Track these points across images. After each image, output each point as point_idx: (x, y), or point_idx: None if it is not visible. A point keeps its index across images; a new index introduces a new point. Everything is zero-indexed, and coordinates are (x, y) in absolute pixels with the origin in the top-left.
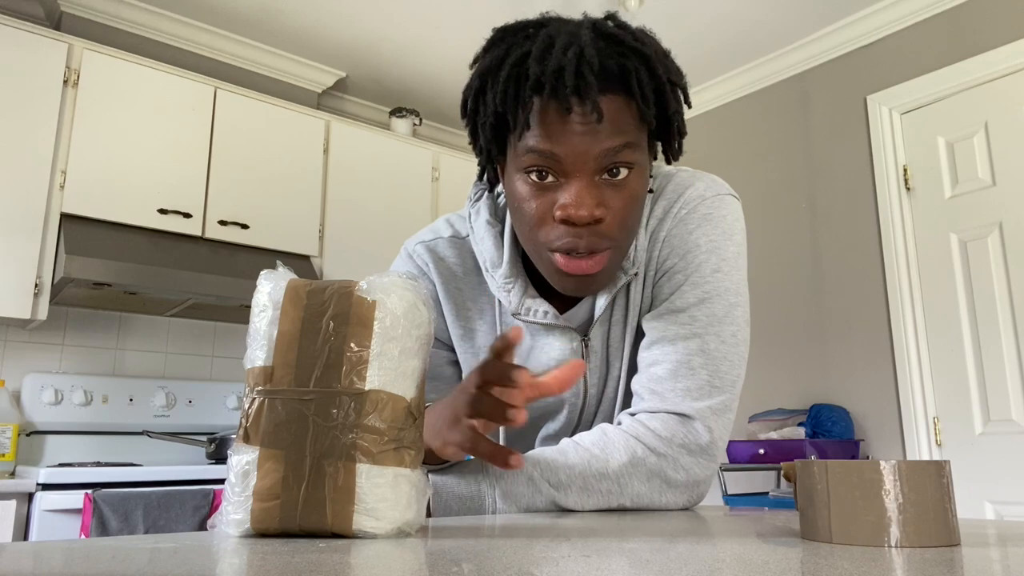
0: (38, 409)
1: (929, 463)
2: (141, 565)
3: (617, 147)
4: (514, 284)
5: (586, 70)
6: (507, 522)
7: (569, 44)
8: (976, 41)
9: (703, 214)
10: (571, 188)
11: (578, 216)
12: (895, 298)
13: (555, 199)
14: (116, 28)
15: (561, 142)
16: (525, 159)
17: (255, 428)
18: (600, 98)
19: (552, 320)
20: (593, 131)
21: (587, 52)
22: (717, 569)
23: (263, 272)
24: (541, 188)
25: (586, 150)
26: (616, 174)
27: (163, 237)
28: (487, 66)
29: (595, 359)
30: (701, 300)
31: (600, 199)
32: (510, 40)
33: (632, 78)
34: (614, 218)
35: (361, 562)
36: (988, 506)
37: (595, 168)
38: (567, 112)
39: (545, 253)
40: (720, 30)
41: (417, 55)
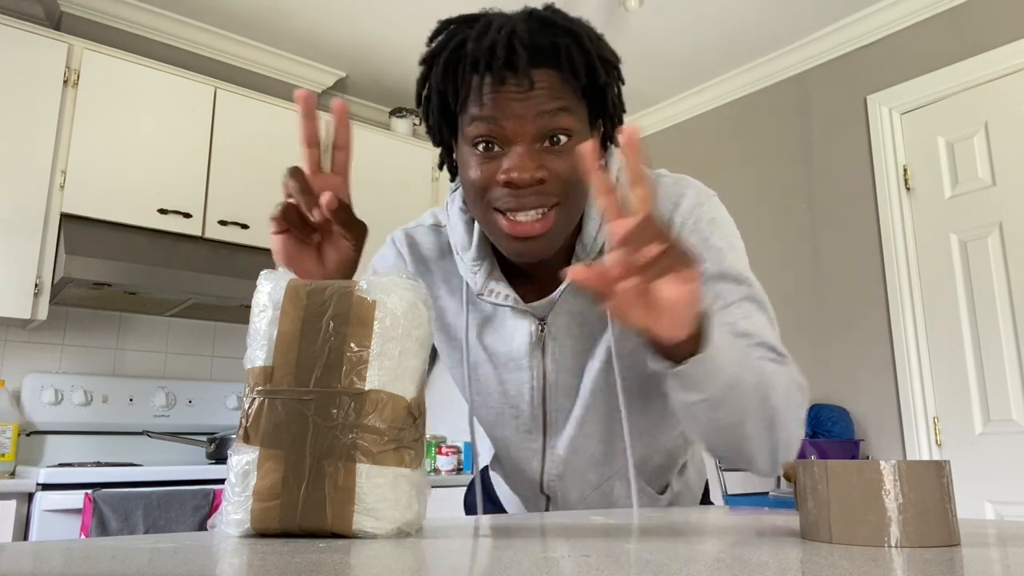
0: (38, 409)
1: (929, 463)
2: (141, 565)
3: (553, 110)
4: (480, 266)
5: (517, 44)
6: (507, 522)
7: (502, 26)
8: (976, 41)
9: (709, 219)
10: (513, 153)
11: (520, 179)
12: (895, 298)
13: (500, 165)
14: (116, 28)
15: (500, 109)
16: (470, 130)
17: (255, 428)
18: (533, 71)
19: (511, 303)
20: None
21: (518, 29)
22: (717, 569)
23: (263, 272)
24: (487, 157)
25: (524, 114)
26: (557, 141)
27: (163, 237)
28: (430, 53)
29: (557, 348)
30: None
31: (541, 162)
32: (453, 29)
33: (561, 52)
34: (557, 178)
35: (361, 562)
36: (988, 506)
37: (535, 134)
38: (501, 84)
39: (491, 215)
40: (720, 30)
41: (417, 55)
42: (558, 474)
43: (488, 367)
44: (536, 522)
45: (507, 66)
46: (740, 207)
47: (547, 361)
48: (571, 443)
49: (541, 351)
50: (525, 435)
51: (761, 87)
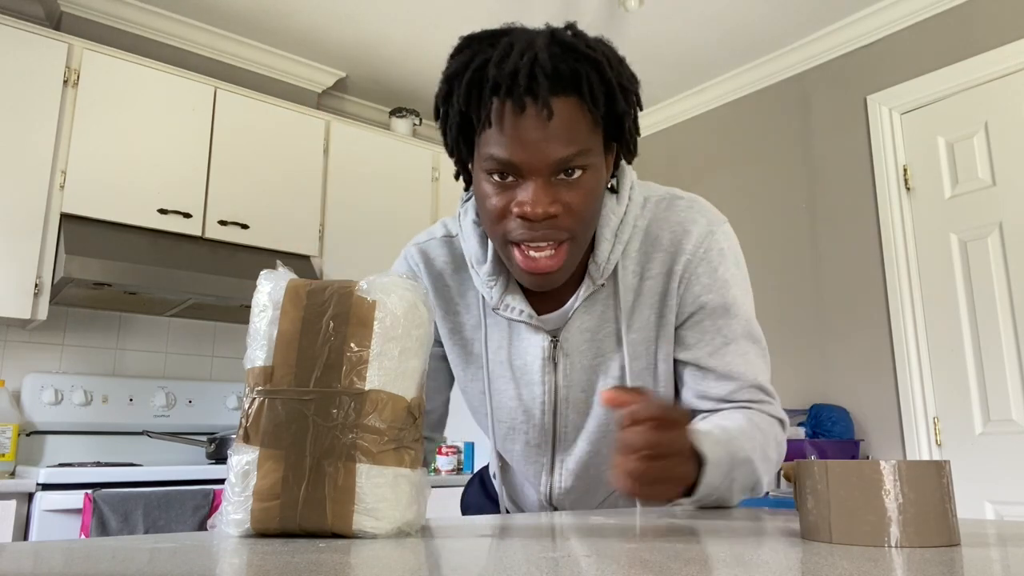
0: (38, 409)
1: (929, 463)
2: (141, 565)
3: (570, 156)
4: (496, 281)
5: (538, 72)
6: (507, 522)
7: (525, 50)
8: (976, 41)
9: (719, 250)
10: (528, 187)
11: (533, 213)
12: (895, 298)
13: (514, 196)
14: (116, 28)
15: (518, 149)
16: (487, 164)
17: (255, 428)
18: (552, 99)
19: (526, 319)
20: (547, 136)
21: (540, 56)
22: (717, 569)
23: (263, 272)
24: (502, 187)
25: (541, 157)
26: (571, 174)
27: (163, 237)
28: (453, 71)
29: (568, 363)
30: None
31: (555, 197)
32: (475, 47)
33: (583, 80)
34: (570, 212)
35: (361, 562)
36: (988, 506)
37: (550, 171)
38: (521, 110)
39: (507, 248)
40: (720, 30)
41: (417, 55)
42: (566, 488)
43: (502, 381)
44: (536, 522)
45: (528, 92)
46: (740, 207)
47: (559, 376)
48: (581, 459)
49: (553, 366)
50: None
51: (761, 87)
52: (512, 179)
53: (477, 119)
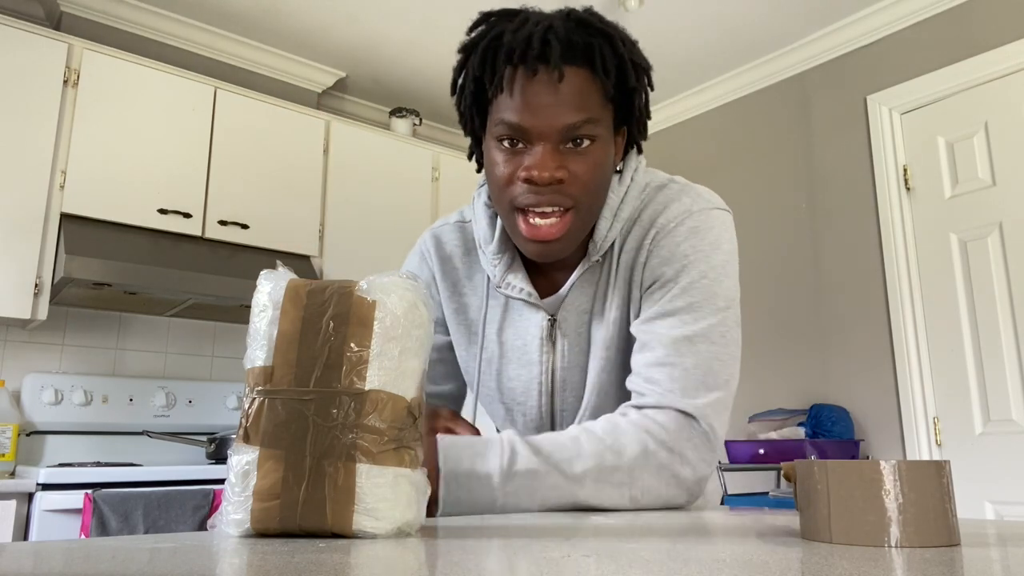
0: (38, 409)
1: (929, 463)
2: (141, 565)
3: (578, 123)
4: (500, 259)
5: (552, 38)
6: (507, 522)
7: (540, 21)
8: (976, 41)
9: (690, 227)
10: (536, 152)
11: (540, 177)
12: (895, 298)
13: (522, 162)
14: (116, 28)
15: (529, 114)
16: (498, 128)
17: (255, 428)
18: (564, 68)
19: (525, 297)
20: (557, 102)
21: (555, 25)
22: (717, 569)
23: (263, 272)
24: (511, 153)
25: (550, 123)
26: (579, 143)
27: (163, 237)
28: (469, 42)
29: (567, 344)
30: (690, 305)
31: (562, 163)
32: (492, 21)
33: (595, 52)
34: (576, 180)
35: (361, 562)
36: (988, 506)
37: (559, 138)
38: (533, 75)
39: (512, 216)
40: (720, 30)
41: (417, 55)
42: None
43: (502, 361)
44: (536, 522)
45: (540, 58)
46: (740, 207)
47: (556, 357)
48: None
49: (551, 346)
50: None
51: (761, 87)
52: (521, 145)
53: (489, 85)
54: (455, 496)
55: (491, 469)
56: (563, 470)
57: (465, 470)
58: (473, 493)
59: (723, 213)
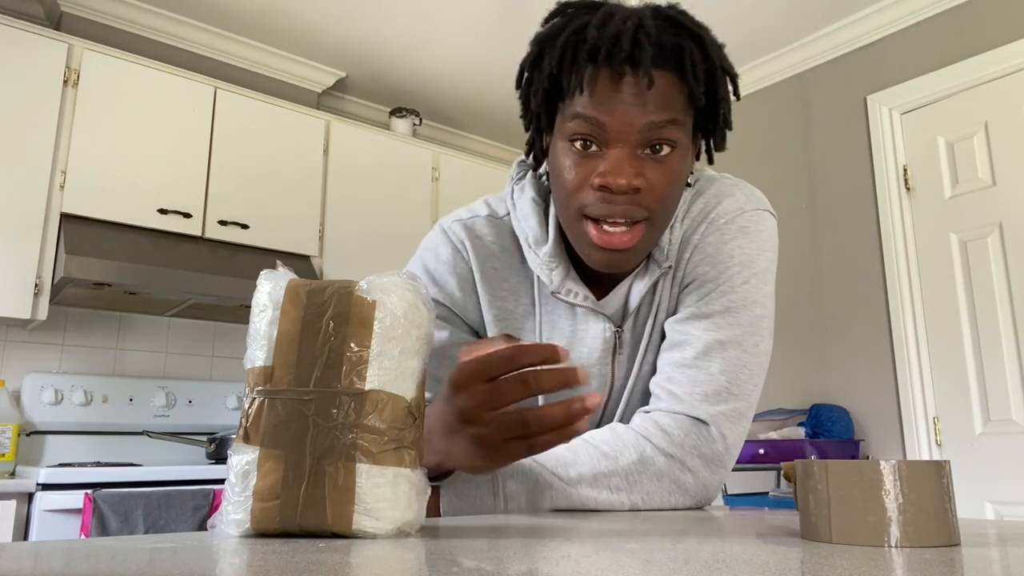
0: (38, 409)
1: (929, 463)
2: (141, 565)
3: (662, 122)
4: (558, 264)
5: (643, 38)
6: (507, 522)
7: (628, 17)
8: (976, 41)
9: (740, 227)
10: (612, 157)
11: (616, 184)
12: (895, 298)
13: (596, 167)
14: (116, 28)
15: (608, 110)
16: (571, 125)
17: (255, 428)
18: (652, 71)
19: (591, 305)
20: (641, 103)
21: (646, 23)
22: (717, 569)
23: (263, 272)
24: (584, 156)
25: (631, 120)
26: (659, 150)
27: (163, 237)
28: (546, 34)
29: (626, 351)
30: (727, 308)
31: (640, 170)
32: (571, 13)
33: (686, 56)
34: (652, 191)
35: (361, 562)
36: (988, 506)
37: (638, 141)
38: (619, 78)
39: (580, 224)
40: (720, 30)
41: (417, 55)
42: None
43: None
44: (536, 522)
45: (629, 60)
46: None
47: (615, 368)
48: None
49: (612, 358)
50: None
51: (761, 87)
52: (595, 148)
53: (568, 84)
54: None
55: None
56: (559, 474)
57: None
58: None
59: (772, 217)
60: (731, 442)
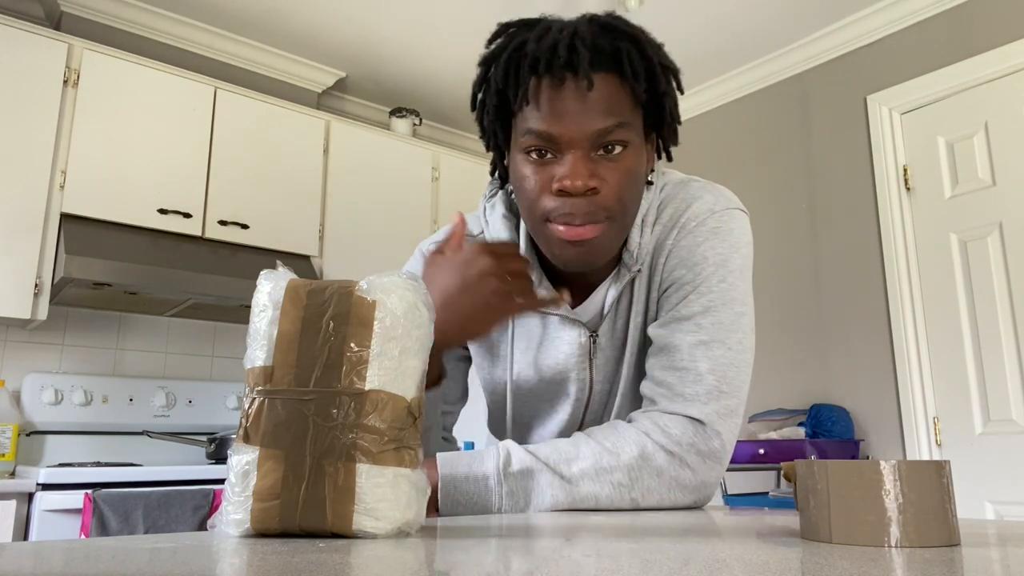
0: (38, 409)
1: (929, 463)
2: (141, 565)
3: (609, 127)
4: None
5: (579, 44)
6: (507, 522)
7: (564, 28)
8: (976, 41)
9: (711, 227)
10: (567, 161)
11: (573, 187)
12: (895, 298)
13: (553, 173)
14: (116, 28)
15: (556, 119)
16: (525, 138)
17: (255, 428)
18: (593, 75)
19: (564, 312)
20: (585, 108)
21: (580, 31)
22: (717, 569)
23: (263, 272)
24: (541, 164)
25: (579, 129)
26: (611, 150)
27: (163, 237)
28: (490, 54)
29: (603, 356)
30: (707, 309)
31: (594, 171)
32: (512, 31)
33: (624, 57)
34: (610, 190)
35: (361, 562)
36: (988, 506)
37: (589, 143)
38: (561, 84)
39: (545, 227)
40: (720, 30)
41: (417, 55)
42: None
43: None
44: (536, 522)
45: (567, 66)
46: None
47: (593, 372)
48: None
49: (589, 363)
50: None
51: (761, 87)
52: (550, 156)
53: (514, 98)
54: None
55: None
56: (559, 471)
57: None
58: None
59: (743, 214)
60: (726, 439)
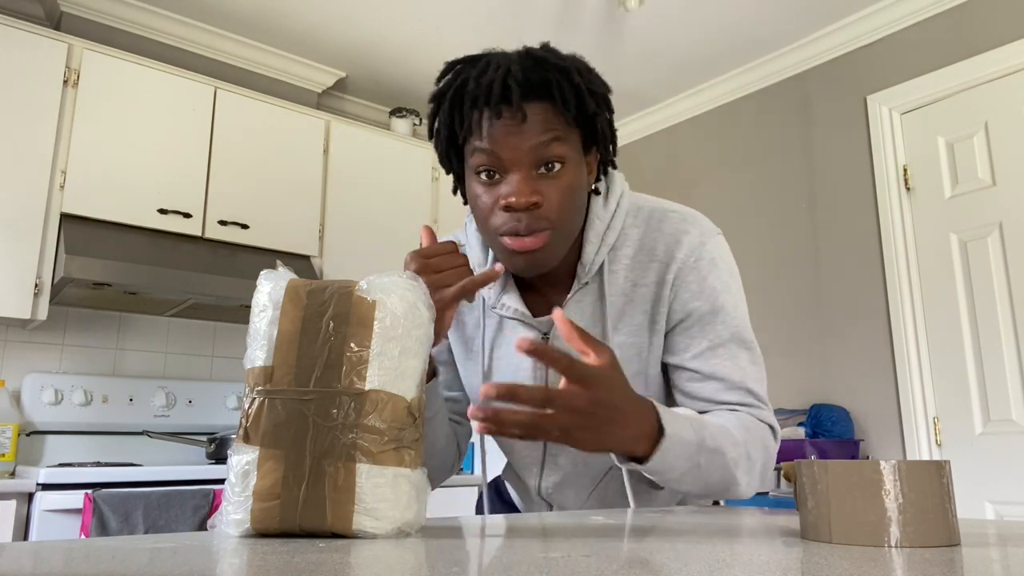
0: (38, 409)
1: (929, 463)
2: (141, 565)
3: (546, 141)
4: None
5: (511, 82)
6: (507, 522)
7: (499, 65)
8: (976, 41)
9: (709, 259)
10: (512, 180)
11: (517, 203)
12: (895, 298)
13: (500, 191)
14: (116, 28)
15: (498, 144)
16: (473, 160)
17: (255, 428)
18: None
19: (520, 316)
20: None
21: (513, 68)
22: (717, 569)
23: (263, 272)
24: (489, 185)
25: (518, 144)
26: (551, 168)
27: (163, 237)
28: (438, 91)
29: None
30: (734, 335)
31: (536, 188)
32: (457, 69)
33: (553, 86)
34: (551, 204)
35: (361, 562)
36: (988, 506)
37: (530, 162)
38: (498, 117)
39: (497, 240)
40: (720, 30)
41: (417, 55)
42: (555, 483)
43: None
44: (536, 522)
45: (502, 101)
46: (740, 207)
47: (550, 373)
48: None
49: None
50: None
51: (761, 87)
52: (498, 176)
53: (460, 130)
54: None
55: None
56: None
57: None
58: (680, 458)
59: (721, 235)
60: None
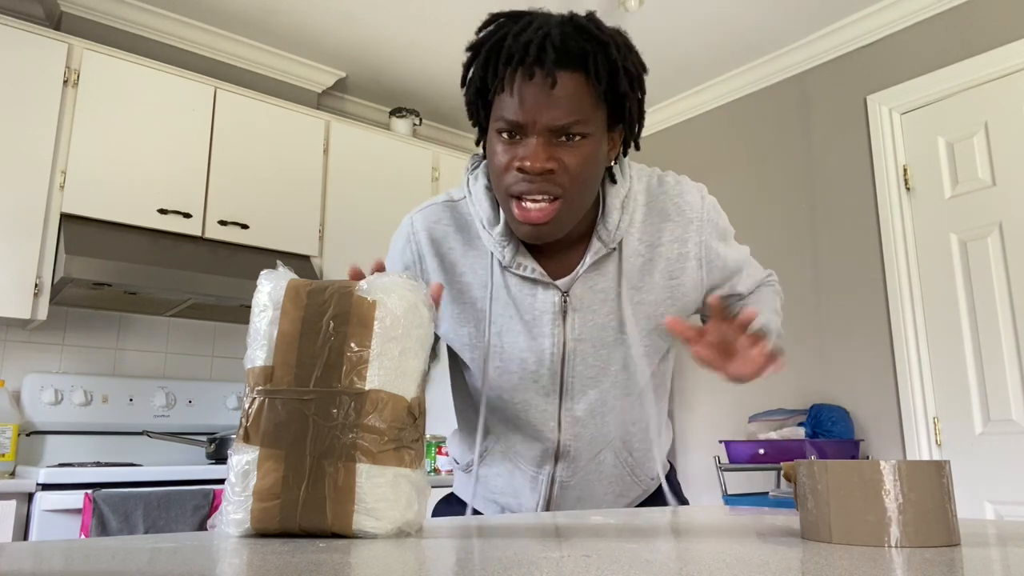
0: (38, 409)
1: (929, 463)
2: (141, 565)
3: (568, 124)
4: (508, 241)
5: (548, 45)
6: (507, 522)
7: (540, 27)
8: (976, 41)
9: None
10: (530, 144)
11: (532, 167)
12: (895, 298)
13: (517, 152)
14: (116, 28)
15: (523, 107)
16: (498, 123)
17: (255, 428)
18: (558, 72)
19: (538, 276)
20: (549, 103)
21: (552, 32)
22: (717, 569)
23: (263, 272)
24: (509, 144)
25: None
26: (571, 138)
27: (163, 237)
28: (477, 41)
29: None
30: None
31: (552, 154)
32: (499, 22)
33: (589, 58)
34: (565, 171)
35: (361, 562)
36: (988, 506)
37: (551, 129)
38: (529, 78)
39: (508, 202)
40: (720, 30)
41: (417, 55)
42: (574, 435)
43: (512, 335)
44: (536, 522)
45: (536, 63)
46: (740, 207)
47: (567, 330)
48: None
49: (563, 320)
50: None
51: (761, 87)
52: (518, 137)
53: (491, 85)
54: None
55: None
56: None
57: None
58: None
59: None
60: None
